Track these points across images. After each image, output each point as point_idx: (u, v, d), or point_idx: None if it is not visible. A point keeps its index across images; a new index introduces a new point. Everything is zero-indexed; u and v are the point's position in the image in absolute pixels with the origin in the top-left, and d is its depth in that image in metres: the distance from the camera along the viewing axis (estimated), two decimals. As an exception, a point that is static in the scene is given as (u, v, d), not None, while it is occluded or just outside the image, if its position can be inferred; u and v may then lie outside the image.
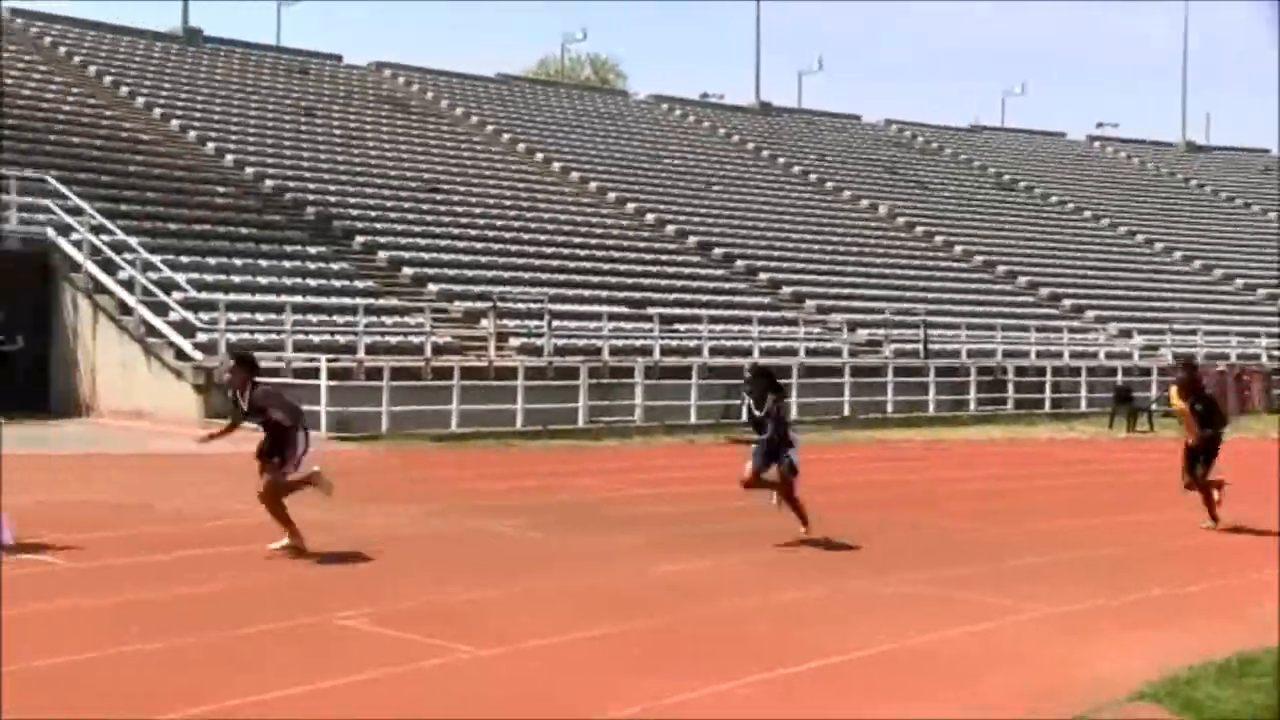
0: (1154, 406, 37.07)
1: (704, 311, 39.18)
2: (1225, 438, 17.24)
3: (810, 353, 39.38)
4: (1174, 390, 17.39)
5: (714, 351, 37.10)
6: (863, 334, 42.90)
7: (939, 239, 57.40)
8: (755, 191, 57.63)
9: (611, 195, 51.89)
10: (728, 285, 45.01)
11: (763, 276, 46.59)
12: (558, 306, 36.75)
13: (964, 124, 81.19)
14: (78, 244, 31.78)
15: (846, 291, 47.05)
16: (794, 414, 35.23)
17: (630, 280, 42.09)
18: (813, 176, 63.12)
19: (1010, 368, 41.93)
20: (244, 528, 15.28)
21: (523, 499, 18.82)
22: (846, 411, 36.48)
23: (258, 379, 13.50)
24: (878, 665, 9.74)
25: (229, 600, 11.34)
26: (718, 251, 47.99)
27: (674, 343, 37.24)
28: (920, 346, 41.55)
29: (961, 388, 40.27)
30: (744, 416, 15.55)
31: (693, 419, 33.29)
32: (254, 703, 8.38)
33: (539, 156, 55.12)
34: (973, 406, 39.74)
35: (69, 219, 32.30)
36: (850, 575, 13.14)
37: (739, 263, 47.30)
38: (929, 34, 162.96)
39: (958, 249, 56.57)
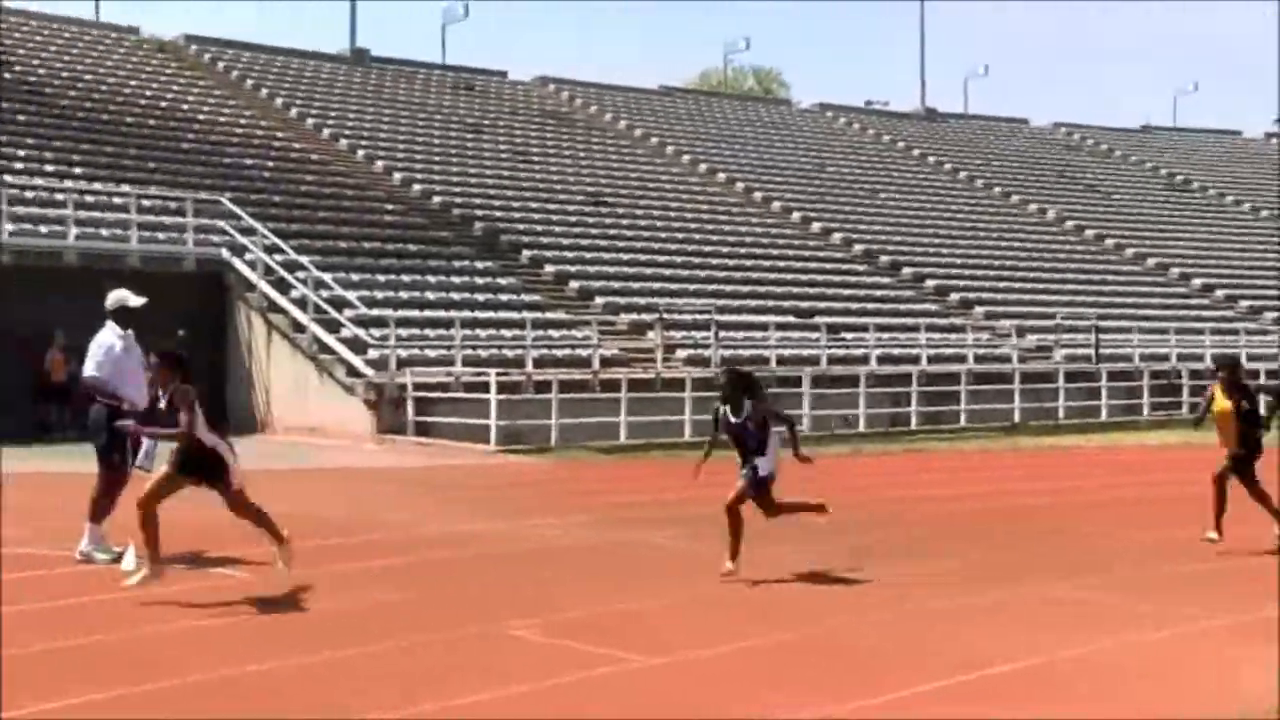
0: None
1: (871, 320, 39.02)
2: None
3: (979, 359, 39.06)
4: (1217, 390, 15.50)
5: (882, 360, 36.91)
6: (1032, 340, 42.44)
7: (1110, 242, 56.61)
8: (922, 198, 57.29)
9: (777, 205, 51.87)
10: (894, 293, 44.82)
11: (930, 283, 46.29)
12: (724, 317, 36.85)
13: (1134, 125, 79.93)
14: (251, 264, 32.50)
15: (1015, 297, 46.63)
16: (959, 421, 35.31)
17: (797, 290, 42.08)
18: (979, 182, 62.59)
19: (1185, 371, 41.18)
20: (411, 539, 15.52)
21: (694, 509, 18.83)
22: (1017, 418, 36.12)
23: (185, 380, 11.95)
24: (1030, 677, 9.57)
25: (402, 611, 11.50)
26: (884, 259, 47.79)
27: (841, 351, 37.13)
28: (1091, 351, 40.98)
29: (1135, 393, 39.66)
30: (719, 427, 13.77)
31: (861, 427, 33.16)
32: (442, 708, 8.54)
33: (703, 168, 55.27)
34: (1146, 412, 39.11)
35: (243, 239, 33.02)
36: (1010, 584, 12.97)
37: (906, 270, 47.04)
38: (1096, 34, 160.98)
39: (1129, 252, 55.73)
